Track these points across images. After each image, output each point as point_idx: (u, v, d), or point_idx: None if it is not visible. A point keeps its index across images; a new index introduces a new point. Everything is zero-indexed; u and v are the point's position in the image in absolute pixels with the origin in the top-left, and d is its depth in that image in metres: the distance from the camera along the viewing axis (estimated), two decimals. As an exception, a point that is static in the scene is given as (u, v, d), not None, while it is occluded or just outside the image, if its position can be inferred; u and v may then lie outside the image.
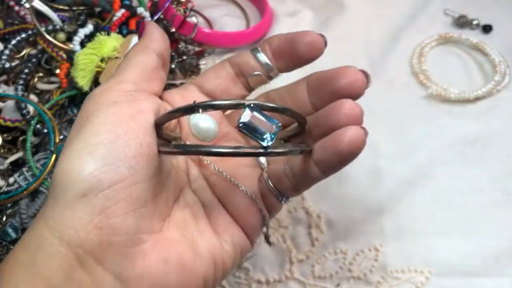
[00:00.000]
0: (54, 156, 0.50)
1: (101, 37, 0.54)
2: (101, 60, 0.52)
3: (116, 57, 0.53)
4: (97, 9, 0.64)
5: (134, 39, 0.54)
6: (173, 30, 0.64)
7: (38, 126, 0.53)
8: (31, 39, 0.59)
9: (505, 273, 0.49)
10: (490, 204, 0.54)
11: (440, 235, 0.52)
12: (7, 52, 0.56)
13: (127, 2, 0.61)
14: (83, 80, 0.52)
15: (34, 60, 0.58)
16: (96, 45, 0.52)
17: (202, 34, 0.66)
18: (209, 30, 0.68)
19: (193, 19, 0.65)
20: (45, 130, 0.53)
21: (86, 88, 0.52)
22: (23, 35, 0.58)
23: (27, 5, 0.58)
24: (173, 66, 0.61)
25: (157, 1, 0.68)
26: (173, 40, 0.65)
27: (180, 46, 0.65)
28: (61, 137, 0.53)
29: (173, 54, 0.62)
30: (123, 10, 0.59)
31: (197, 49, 0.67)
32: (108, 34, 0.56)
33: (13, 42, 0.57)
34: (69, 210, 0.31)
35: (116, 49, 0.53)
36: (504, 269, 0.50)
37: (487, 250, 0.51)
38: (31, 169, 0.50)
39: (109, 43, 0.53)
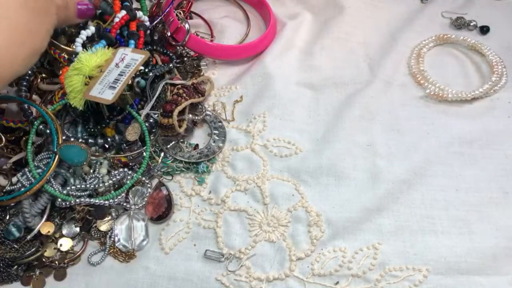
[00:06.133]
0: (57, 157, 0.51)
1: (83, 55, 0.52)
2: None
3: (101, 71, 0.52)
4: (98, 11, 0.65)
5: (120, 51, 0.54)
6: (169, 34, 0.65)
7: (41, 126, 0.54)
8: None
9: (503, 272, 0.50)
10: (487, 203, 0.54)
11: (437, 233, 0.52)
12: None
13: (127, 4, 0.62)
14: (74, 100, 0.52)
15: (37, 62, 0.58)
16: (79, 64, 0.52)
17: (202, 46, 0.66)
18: (210, 41, 0.68)
19: (186, 26, 0.65)
20: (48, 131, 0.53)
21: (80, 107, 0.52)
22: None
23: None
24: (170, 65, 0.61)
25: (162, 3, 0.69)
26: (170, 43, 0.66)
27: (178, 48, 0.66)
28: (64, 137, 0.53)
29: (171, 55, 0.63)
30: (123, 12, 0.60)
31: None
32: (109, 38, 0.57)
33: None
34: None
35: (101, 66, 0.52)
36: (501, 267, 0.50)
37: (485, 249, 0.51)
38: (31, 171, 0.51)
39: (93, 61, 0.52)
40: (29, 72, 0.57)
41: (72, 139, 0.54)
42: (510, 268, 0.50)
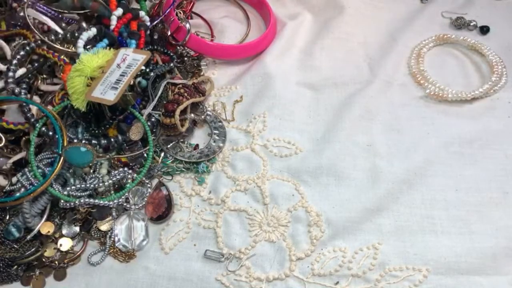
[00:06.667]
0: (61, 159, 0.51)
1: (84, 56, 0.52)
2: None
3: (103, 72, 0.52)
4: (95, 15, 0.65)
5: (122, 51, 0.54)
6: (169, 33, 0.65)
7: (43, 128, 0.53)
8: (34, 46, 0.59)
9: (503, 272, 0.50)
10: (487, 203, 0.54)
11: (437, 233, 0.52)
12: (11, 74, 0.55)
13: (123, 2, 0.62)
14: (76, 102, 0.52)
15: (36, 64, 0.58)
16: (81, 65, 0.52)
17: (202, 46, 0.66)
18: (210, 41, 0.68)
19: (187, 25, 0.65)
20: (50, 133, 0.53)
21: (83, 108, 0.52)
22: (23, 52, 0.56)
23: (21, 13, 0.59)
24: (171, 65, 0.61)
25: (163, 3, 0.69)
26: (170, 43, 0.66)
27: (179, 47, 0.66)
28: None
29: (172, 54, 0.63)
30: (120, 10, 0.60)
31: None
32: (112, 37, 0.57)
33: (17, 58, 0.56)
34: None
35: (102, 67, 0.52)
36: (501, 267, 0.50)
37: (485, 249, 0.51)
38: (33, 172, 0.51)
39: (94, 62, 0.52)
40: (29, 75, 0.56)
41: (75, 141, 0.54)
42: (510, 268, 0.50)
